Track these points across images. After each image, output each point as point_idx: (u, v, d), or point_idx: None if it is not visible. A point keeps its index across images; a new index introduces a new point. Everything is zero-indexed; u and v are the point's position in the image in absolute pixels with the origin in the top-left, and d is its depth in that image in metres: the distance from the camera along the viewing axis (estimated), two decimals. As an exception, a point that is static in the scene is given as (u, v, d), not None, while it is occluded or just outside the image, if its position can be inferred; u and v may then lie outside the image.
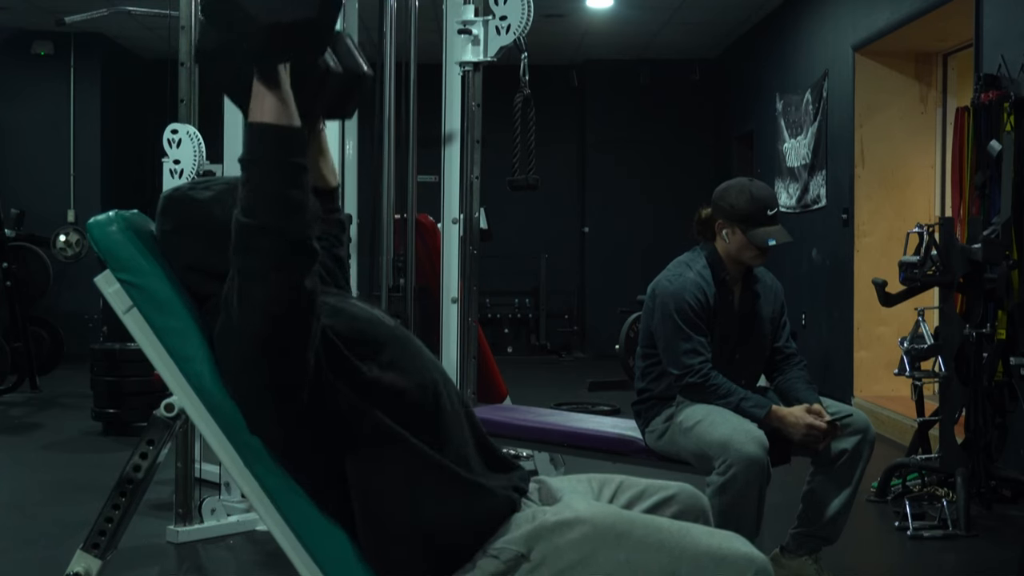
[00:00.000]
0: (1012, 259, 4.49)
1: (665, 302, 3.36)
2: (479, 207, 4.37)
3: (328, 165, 2.18)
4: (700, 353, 3.32)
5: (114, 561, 2.05)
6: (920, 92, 7.14)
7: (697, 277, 3.38)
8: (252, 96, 1.74)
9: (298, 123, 1.75)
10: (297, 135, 1.75)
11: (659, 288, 3.41)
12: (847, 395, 7.10)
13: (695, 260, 3.45)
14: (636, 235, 10.97)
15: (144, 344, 1.94)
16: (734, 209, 3.39)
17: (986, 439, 4.60)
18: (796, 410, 3.29)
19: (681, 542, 1.81)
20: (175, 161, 4.11)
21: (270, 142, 1.73)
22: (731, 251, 3.42)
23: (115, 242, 1.93)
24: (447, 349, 4.34)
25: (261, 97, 1.73)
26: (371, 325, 1.94)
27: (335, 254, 2.21)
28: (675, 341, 3.33)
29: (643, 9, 9.27)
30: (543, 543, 1.83)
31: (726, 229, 3.41)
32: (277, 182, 1.72)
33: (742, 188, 3.42)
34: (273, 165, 1.72)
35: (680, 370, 3.32)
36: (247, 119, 1.77)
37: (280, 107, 1.73)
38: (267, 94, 1.73)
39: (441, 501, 1.84)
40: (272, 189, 1.71)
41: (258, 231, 1.71)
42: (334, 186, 2.21)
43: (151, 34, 9.46)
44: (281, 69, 1.75)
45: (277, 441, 1.86)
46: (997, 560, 4.00)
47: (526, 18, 4.15)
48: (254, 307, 1.73)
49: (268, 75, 1.73)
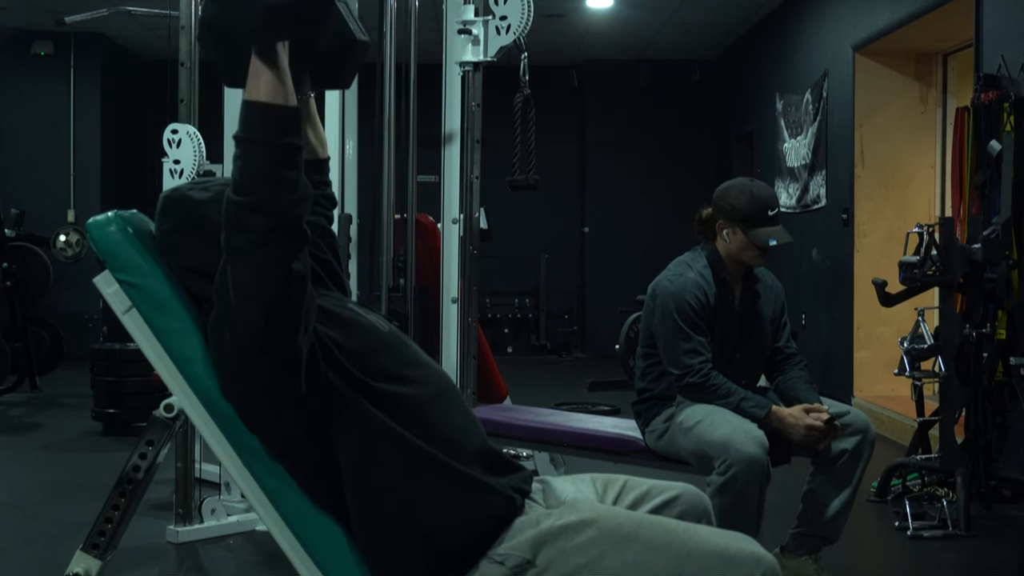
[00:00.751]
0: (1012, 259, 4.49)
1: (666, 302, 3.35)
2: (479, 207, 4.37)
3: (318, 135, 2.17)
4: (700, 353, 3.32)
5: (114, 561, 2.05)
6: (920, 92, 7.14)
7: (698, 277, 3.38)
8: (249, 73, 1.73)
9: (294, 102, 1.75)
10: (292, 115, 1.74)
11: (659, 288, 3.41)
12: (847, 395, 7.10)
13: (696, 260, 3.45)
14: (636, 235, 10.97)
15: (143, 344, 1.94)
16: (735, 209, 3.39)
17: (986, 439, 4.60)
18: (795, 410, 3.29)
19: (688, 543, 1.81)
20: (175, 161, 4.11)
21: (265, 121, 1.72)
22: (732, 251, 3.42)
23: (114, 242, 1.93)
24: (447, 349, 4.34)
25: (258, 75, 1.73)
26: (365, 332, 1.93)
27: (329, 243, 2.18)
28: (675, 341, 3.33)
29: (643, 9, 9.27)
30: (548, 548, 1.82)
31: (727, 229, 3.41)
32: (270, 161, 1.71)
33: (743, 188, 3.42)
34: (267, 144, 1.72)
35: (680, 370, 3.32)
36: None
37: (277, 85, 1.73)
38: (264, 72, 1.72)
39: (440, 499, 1.83)
40: (265, 168, 1.71)
41: (248, 209, 1.70)
42: (324, 158, 2.20)
43: (151, 34, 9.45)
44: (279, 47, 1.74)
45: (275, 439, 1.86)
46: (997, 560, 3.99)
47: (526, 18, 4.15)
48: (244, 288, 1.72)
49: (266, 53, 1.73)
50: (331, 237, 2.22)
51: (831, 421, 3.26)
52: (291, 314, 1.74)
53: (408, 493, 1.83)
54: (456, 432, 1.91)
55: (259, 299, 1.72)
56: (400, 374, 1.90)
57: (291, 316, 1.74)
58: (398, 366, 1.91)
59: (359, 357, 1.86)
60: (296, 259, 1.73)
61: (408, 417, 1.86)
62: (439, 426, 1.89)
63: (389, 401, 1.85)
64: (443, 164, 4.36)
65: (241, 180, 1.72)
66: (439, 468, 1.84)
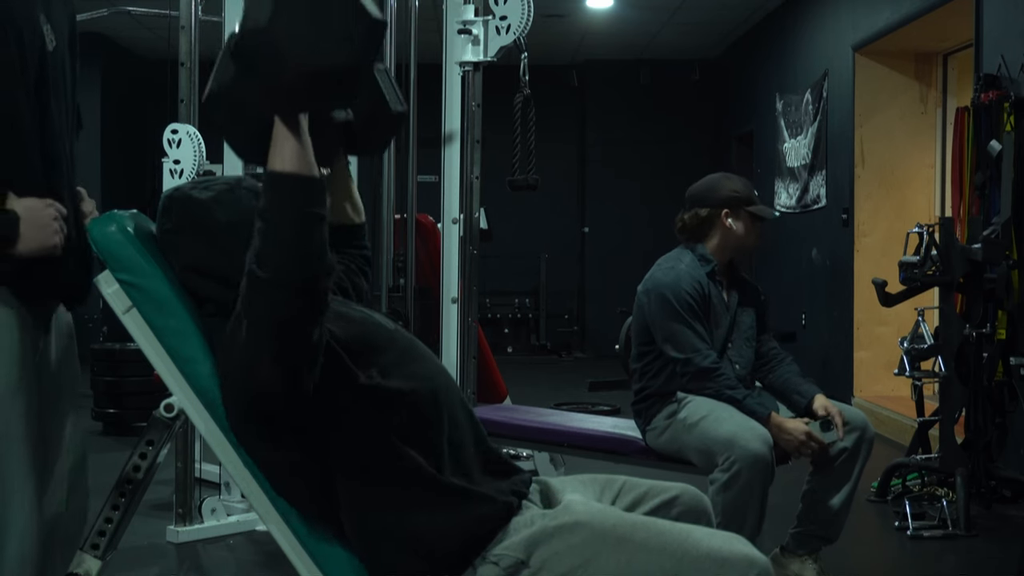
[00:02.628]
0: (1012, 259, 4.49)
1: (662, 292, 3.38)
2: (479, 207, 4.37)
3: (354, 204, 2.18)
4: (704, 339, 3.34)
5: (114, 561, 2.05)
6: (920, 92, 7.14)
7: (689, 269, 3.43)
8: (272, 144, 1.69)
9: (316, 172, 1.72)
10: (317, 185, 1.71)
11: (653, 282, 3.44)
12: (847, 395, 7.10)
13: (682, 256, 3.50)
14: (636, 235, 10.96)
15: (144, 344, 1.94)
16: (737, 194, 3.47)
17: (986, 439, 4.60)
18: (799, 425, 3.27)
19: (683, 545, 1.81)
20: (175, 161, 4.11)
21: (289, 192, 1.69)
22: (738, 238, 3.48)
23: (114, 242, 1.93)
24: (447, 349, 4.33)
25: (282, 144, 1.69)
26: (372, 330, 1.93)
27: (354, 282, 2.19)
28: (678, 326, 3.33)
29: (643, 9, 9.27)
30: (543, 548, 1.82)
31: (731, 217, 3.46)
32: (296, 233, 1.68)
33: (727, 177, 3.56)
34: (292, 216, 1.69)
35: (687, 353, 3.31)
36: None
37: (301, 155, 1.69)
38: (289, 140, 1.69)
39: (436, 510, 1.83)
40: (289, 240, 1.68)
41: (272, 284, 1.68)
42: (360, 223, 2.21)
43: (151, 34, 9.45)
44: (302, 117, 1.71)
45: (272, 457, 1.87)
46: (997, 560, 4.00)
47: (526, 18, 4.14)
48: (259, 353, 1.71)
49: (292, 121, 1.69)
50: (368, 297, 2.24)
51: (824, 447, 3.26)
52: (307, 377, 1.74)
53: (403, 507, 1.82)
54: (458, 432, 1.91)
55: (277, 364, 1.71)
56: (406, 372, 1.90)
57: (307, 378, 1.74)
58: (403, 364, 1.91)
59: (364, 356, 1.86)
60: (315, 327, 1.72)
61: (410, 416, 1.86)
62: (441, 425, 1.89)
63: (390, 400, 1.85)
64: (443, 164, 4.35)
65: (265, 252, 1.69)
66: (434, 478, 1.84)
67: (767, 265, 9.10)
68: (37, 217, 1.87)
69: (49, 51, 1.98)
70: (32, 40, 1.91)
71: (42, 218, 1.87)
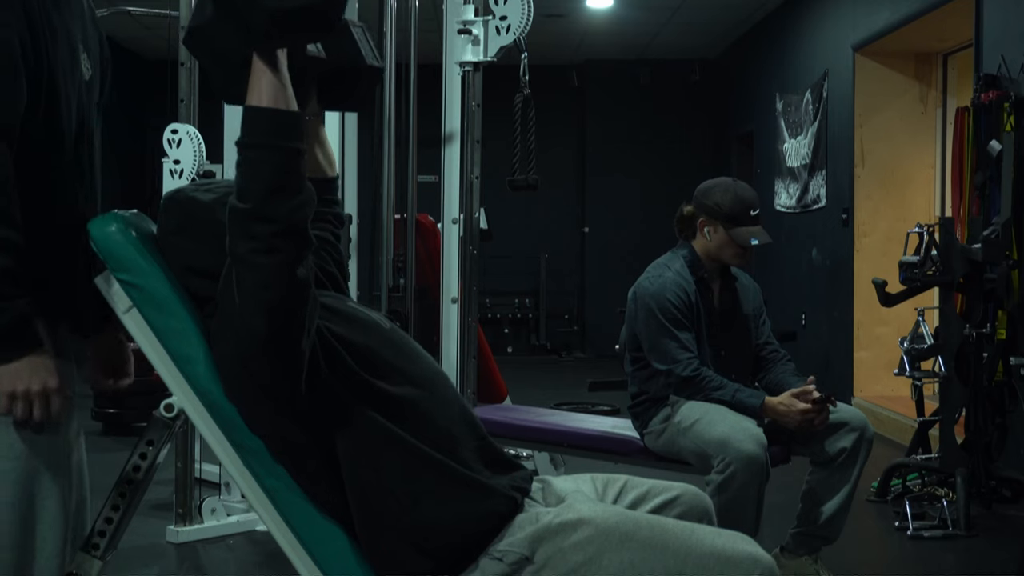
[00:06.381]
0: (1012, 259, 4.49)
1: (647, 302, 3.39)
2: (479, 207, 4.37)
3: (326, 155, 2.17)
4: (687, 348, 3.34)
5: (114, 561, 2.04)
6: (920, 92, 7.14)
7: (676, 276, 3.42)
8: (251, 77, 1.73)
9: (295, 107, 1.75)
10: (294, 119, 1.74)
11: (640, 290, 3.45)
12: (847, 395, 7.10)
13: (673, 261, 3.50)
14: (636, 235, 10.95)
15: (144, 344, 1.94)
16: (719, 207, 3.42)
17: (986, 439, 4.60)
18: (784, 397, 3.28)
19: (687, 543, 1.81)
20: (175, 161, 4.11)
21: (267, 125, 1.72)
22: (711, 249, 3.45)
23: (115, 242, 1.93)
24: (447, 349, 4.33)
25: (259, 78, 1.72)
26: (367, 327, 1.94)
27: (336, 259, 2.19)
28: (661, 338, 3.35)
29: (643, 9, 9.27)
30: (547, 545, 1.82)
31: (708, 227, 3.45)
32: (273, 166, 1.71)
33: (727, 187, 3.47)
34: (270, 148, 1.71)
35: (668, 364, 3.33)
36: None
37: (278, 89, 1.72)
38: (265, 75, 1.72)
39: (441, 501, 1.83)
40: (267, 173, 1.71)
41: (252, 215, 1.70)
42: (332, 176, 2.20)
43: (151, 34, 9.45)
44: (279, 53, 1.74)
45: (275, 439, 1.86)
46: (997, 560, 4.00)
47: (526, 18, 4.14)
48: (249, 294, 1.72)
49: (268, 55, 1.72)
50: (338, 252, 2.21)
51: (822, 400, 3.25)
52: (295, 319, 1.74)
53: (408, 494, 1.83)
54: (457, 430, 1.92)
55: (264, 304, 1.72)
56: (402, 370, 1.90)
57: (295, 321, 1.74)
58: (399, 363, 1.91)
59: (361, 352, 1.86)
60: (300, 264, 1.73)
61: (409, 414, 1.86)
62: (440, 423, 1.89)
63: (389, 399, 1.85)
64: (443, 164, 4.35)
65: (244, 185, 1.72)
66: (439, 469, 1.84)
67: (767, 265, 9.10)
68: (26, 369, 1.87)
69: (84, 80, 1.98)
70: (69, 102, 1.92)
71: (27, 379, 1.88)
